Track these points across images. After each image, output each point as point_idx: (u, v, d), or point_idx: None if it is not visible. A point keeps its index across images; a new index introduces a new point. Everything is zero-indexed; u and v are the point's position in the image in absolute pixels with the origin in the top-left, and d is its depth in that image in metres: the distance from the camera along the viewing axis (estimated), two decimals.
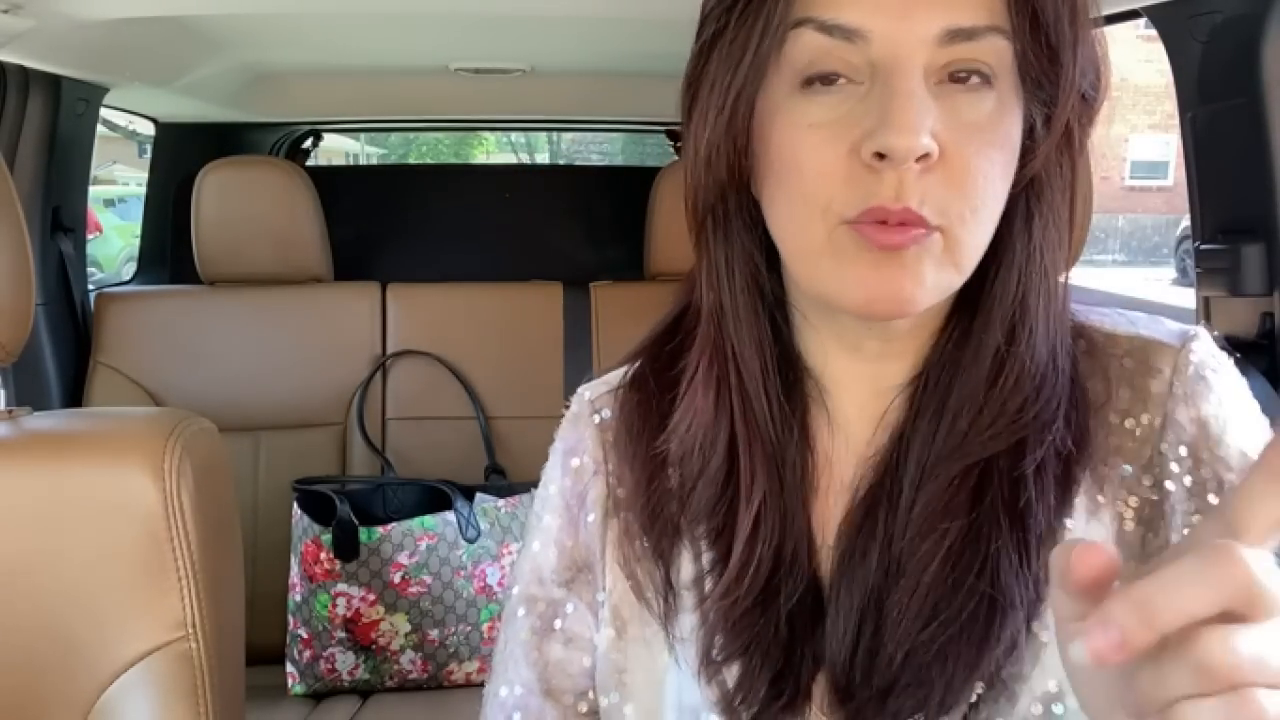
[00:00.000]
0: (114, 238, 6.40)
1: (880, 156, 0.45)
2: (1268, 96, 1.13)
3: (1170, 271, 11.40)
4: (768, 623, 0.52)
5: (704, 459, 0.55)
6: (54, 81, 1.72)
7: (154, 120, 2.38)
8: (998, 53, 0.46)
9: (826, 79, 0.47)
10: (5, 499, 0.79)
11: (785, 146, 0.48)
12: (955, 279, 0.49)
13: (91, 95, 1.87)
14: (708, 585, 0.54)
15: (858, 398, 0.56)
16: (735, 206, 0.53)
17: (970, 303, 0.53)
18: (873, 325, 0.53)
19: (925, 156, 0.45)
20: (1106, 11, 1.24)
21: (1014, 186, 0.50)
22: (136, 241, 2.51)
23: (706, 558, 0.55)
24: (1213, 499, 0.51)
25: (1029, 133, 0.49)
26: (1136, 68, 13.70)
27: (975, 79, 0.46)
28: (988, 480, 0.51)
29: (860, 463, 0.55)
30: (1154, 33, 1.26)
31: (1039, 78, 0.47)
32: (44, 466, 0.80)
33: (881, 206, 0.46)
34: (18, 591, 0.78)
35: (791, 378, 0.56)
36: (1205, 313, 1.25)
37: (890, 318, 0.50)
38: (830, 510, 0.55)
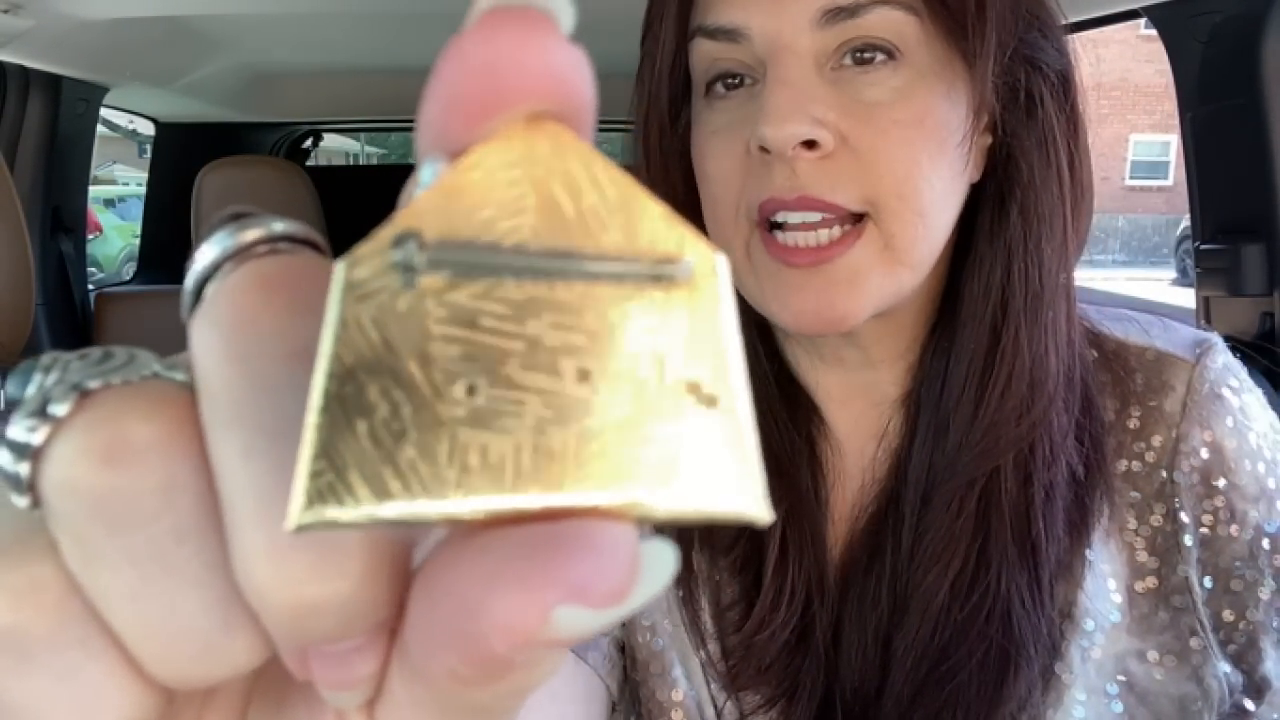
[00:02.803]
0: (114, 238, 6.40)
1: (764, 151, 0.43)
2: (1268, 96, 1.13)
3: (1170, 271, 11.41)
4: (809, 662, 0.48)
5: None
6: (54, 81, 1.72)
7: (154, 120, 2.38)
8: (893, 25, 0.43)
9: (729, 84, 0.47)
10: None
11: (698, 157, 0.48)
12: (906, 278, 0.45)
13: (91, 95, 1.87)
14: (732, 619, 0.50)
15: (852, 411, 0.52)
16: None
17: (952, 306, 0.49)
18: (842, 334, 0.49)
19: (813, 145, 0.43)
20: (1106, 11, 1.24)
21: (984, 172, 0.47)
22: (136, 241, 2.52)
23: (730, 591, 0.51)
24: (1233, 530, 0.48)
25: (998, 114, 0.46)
26: (1136, 68, 13.70)
27: (879, 58, 0.44)
28: (993, 503, 0.47)
29: (864, 485, 0.51)
30: (1154, 33, 1.26)
31: (959, 48, 0.44)
32: None
33: (774, 198, 0.43)
34: None
35: (792, 394, 0.53)
36: (1205, 313, 1.25)
37: (826, 334, 0.46)
38: (839, 535, 0.51)
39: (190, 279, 0.15)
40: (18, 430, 0.14)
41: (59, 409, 0.13)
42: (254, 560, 0.13)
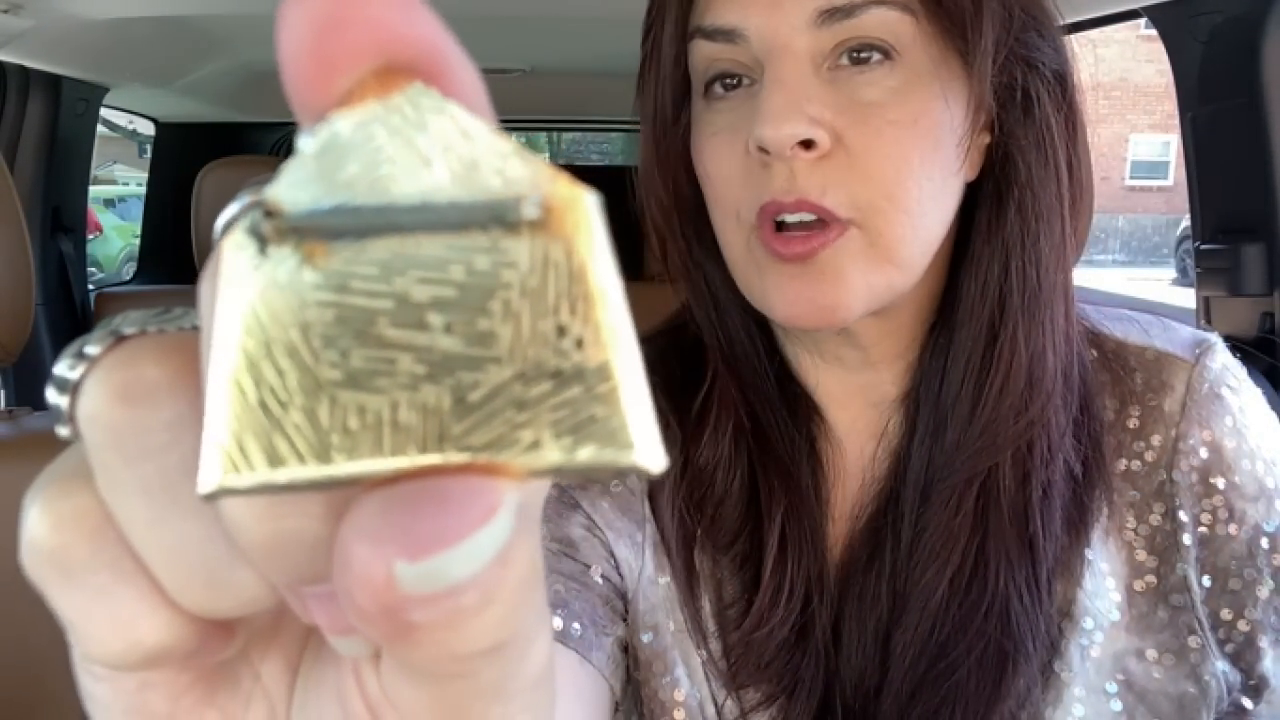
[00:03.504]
0: (114, 238, 6.40)
1: (763, 151, 0.43)
2: (1268, 96, 1.13)
3: (1170, 271, 11.41)
4: (809, 659, 0.48)
5: (727, 479, 0.51)
6: (54, 81, 1.72)
7: (154, 120, 2.38)
8: (889, 26, 0.43)
9: (727, 84, 0.47)
10: (5, 499, 0.79)
11: (699, 158, 0.48)
12: (896, 276, 0.45)
13: (91, 95, 1.87)
14: (733, 616, 0.50)
15: (852, 411, 0.53)
16: (684, 226, 0.51)
17: (951, 305, 0.49)
18: (842, 333, 0.49)
19: (811, 145, 0.43)
20: (1106, 11, 1.24)
21: (981, 171, 0.48)
22: (136, 241, 2.52)
23: (731, 588, 0.51)
24: (1232, 529, 0.48)
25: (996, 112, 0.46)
26: (1136, 68, 13.71)
27: (875, 57, 0.44)
28: (992, 501, 0.47)
29: (864, 483, 0.52)
30: (1154, 33, 1.26)
31: (956, 48, 0.44)
32: (44, 466, 0.80)
33: (774, 200, 0.44)
34: (18, 591, 0.78)
35: (792, 393, 0.53)
36: (1205, 313, 1.25)
37: (819, 328, 0.46)
38: (839, 534, 0.52)
39: (216, 234, 0.16)
40: (62, 367, 0.15)
41: (94, 350, 0.15)
42: None
